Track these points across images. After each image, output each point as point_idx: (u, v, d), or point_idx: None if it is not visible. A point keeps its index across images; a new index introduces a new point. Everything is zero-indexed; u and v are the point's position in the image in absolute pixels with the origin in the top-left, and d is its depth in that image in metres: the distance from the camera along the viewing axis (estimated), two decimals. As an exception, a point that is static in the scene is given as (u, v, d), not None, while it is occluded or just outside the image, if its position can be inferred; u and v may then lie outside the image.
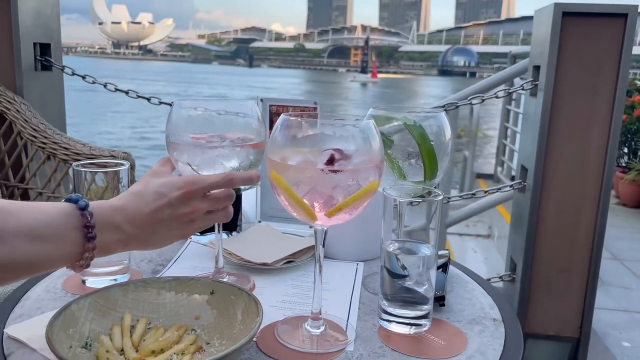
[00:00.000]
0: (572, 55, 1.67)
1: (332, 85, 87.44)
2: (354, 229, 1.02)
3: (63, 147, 1.71)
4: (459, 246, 4.42)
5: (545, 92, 1.70)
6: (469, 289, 0.93)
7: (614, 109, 1.69)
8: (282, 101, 1.12)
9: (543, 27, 1.70)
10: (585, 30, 1.64)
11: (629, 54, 1.64)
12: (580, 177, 1.76)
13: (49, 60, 1.99)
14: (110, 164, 0.86)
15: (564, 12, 1.62)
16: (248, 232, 1.11)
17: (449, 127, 0.86)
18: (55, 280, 0.91)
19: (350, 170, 0.65)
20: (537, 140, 1.73)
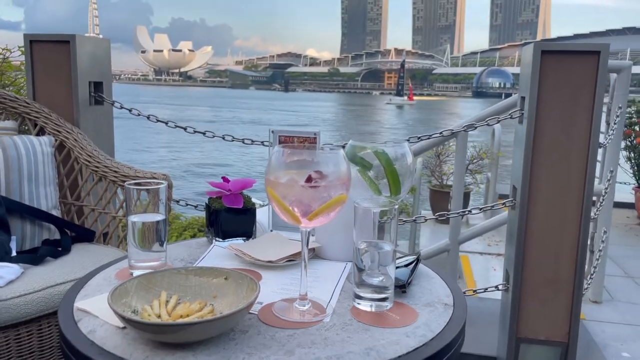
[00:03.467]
0: (552, 88, 1.88)
1: (368, 108, 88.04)
2: (344, 234, 1.26)
3: (113, 170, 2.03)
4: (481, 265, 4.55)
5: (529, 120, 1.92)
6: (432, 282, 1.15)
7: (591, 134, 1.89)
8: (289, 132, 1.38)
9: (527, 63, 1.92)
10: (563, 66, 1.85)
11: (602, 86, 1.84)
12: (563, 195, 1.95)
13: (101, 96, 2.33)
14: (152, 183, 1.14)
15: (543, 50, 1.84)
16: (261, 238, 1.37)
17: (411, 154, 1.11)
18: (110, 272, 1.19)
19: (323, 186, 0.91)
20: (523, 162, 1.94)
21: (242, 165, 17.46)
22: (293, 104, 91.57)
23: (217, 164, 18.11)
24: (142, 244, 1.14)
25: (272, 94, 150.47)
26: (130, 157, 19.57)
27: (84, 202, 2.12)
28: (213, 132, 2.17)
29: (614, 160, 2.81)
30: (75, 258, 1.82)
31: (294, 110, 68.55)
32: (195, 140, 29.31)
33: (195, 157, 19.95)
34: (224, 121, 46.30)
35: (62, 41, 2.22)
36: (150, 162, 19.38)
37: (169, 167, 18.68)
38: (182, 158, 19.54)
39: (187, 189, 14.42)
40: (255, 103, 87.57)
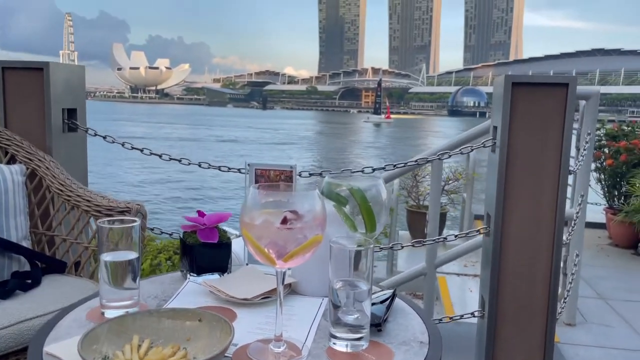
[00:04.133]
0: (523, 118, 1.93)
1: (346, 126, 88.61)
2: (320, 270, 1.25)
3: (85, 199, 1.99)
4: (458, 286, 4.58)
5: (501, 149, 1.96)
6: (408, 318, 1.15)
7: (561, 162, 1.93)
8: (265, 166, 1.38)
9: (498, 94, 1.97)
10: (533, 97, 1.91)
11: (571, 116, 1.90)
12: (536, 221, 1.99)
13: (75, 123, 2.30)
14: (126, 220, 1.12)
15: (513, 82, 1.89)
16: (236, 273, 1.35)
17: (385, 191, 1.12)
18: (81, 312, 1.16)
19: (298, 227, 0.91)
20: (496, 190, 1.97)
21: (221, 187, 17.30)
22: (271, 121, 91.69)
23: (197, 186, 17.93)
24: (114, 283, 1.12)
25: (250, 112, 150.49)
26: (110, 178, 19.32)
27: (55, 232, 2.08)
28: (189, 160, 2.16)
29: (584, 185, 2.88)
30: (46, 291, 1.77)
31: (272, 128, 68.54)
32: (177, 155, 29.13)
33: (177, 177, 19.76)
34: (201, 139, 46.04)
35: (35, 68, 2.19)
36: (130, 180, 19.15)
37: (150, 184, 18.49)
38: (161, 177, 19.32)
39: (168, 210, 14.26)
40: (233, 121, 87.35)
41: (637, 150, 4.57)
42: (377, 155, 35.96)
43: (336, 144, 48.83)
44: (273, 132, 60.49)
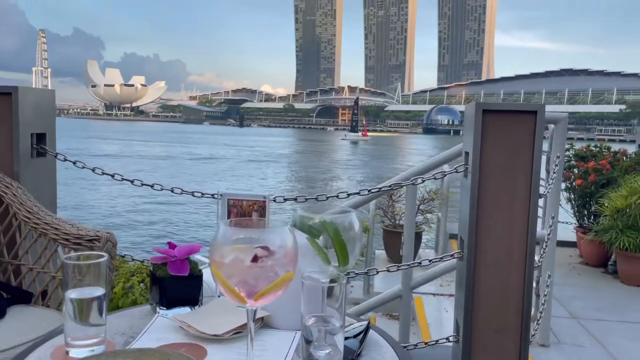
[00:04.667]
0: (494, 144, 1.97)
1: (323, 144, 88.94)
2: (294, 302, 1.24)
3: (53, 227, 1.94)
4: (434, 306, 4.59)
5: (473, 175, 1.98)
6: (381, 352, 1.15)
7: (532, 187, 1.97)
8: (238, 195, 1.37)
9: (469, 120, 2.01)
10: (503, 124, 1.95)
11: (540, 143, 1.94)
12: (508, 245, 2.01)
13: (44, 148, 2.25)
14: (93, 256, 1.10)
15: (484, 109, 1.92)
16: (207, 306, 1.33)
17: (358, 223, 1.12)
18: (45, 351, 1.12)
19: (269, 265, 0.89)
20: (469, 215, 1.99)
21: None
22: (248, 139, 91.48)
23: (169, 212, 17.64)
24: (80, 320, 1.09)
25: (227, 129, 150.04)
26: (86, 196, 18.91)
27: (21, 261, 2.01)
28: (161, 185, 2.13)
29: (554, 206, 2.94)
30: (11, 323, 1.71)
31: (249, 146, 68.33)
32: (151, 176, 28.73)
33: (156, 196, 19.45)
34: (177, 157, 45.57)
35: (4, 93, 2.14)
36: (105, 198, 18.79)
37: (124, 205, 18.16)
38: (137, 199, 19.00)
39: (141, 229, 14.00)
40: (210, 138, 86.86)
41: (605, 171, 4.69)
42: (355, 174, 35.97)
43: (314, 161, 48.84)
44: (250, 149, 60.29)
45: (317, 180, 31.26)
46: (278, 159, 49.10)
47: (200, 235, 13.51)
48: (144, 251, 10.70)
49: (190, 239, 13.49)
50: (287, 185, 28.91)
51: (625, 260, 4.18)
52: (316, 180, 31.19)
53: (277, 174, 34.97)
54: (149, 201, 18.18)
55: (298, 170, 40.35)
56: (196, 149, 56.71)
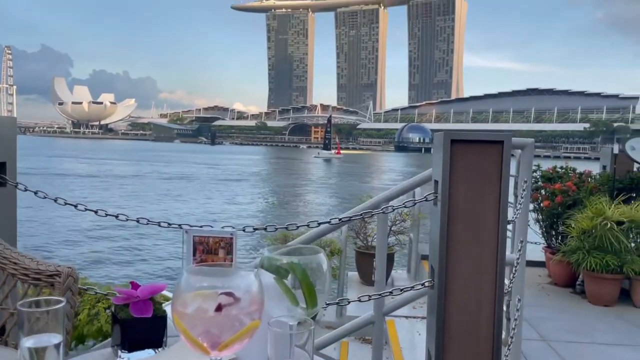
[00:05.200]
0: (463, 173, 1.99)
1: (297, 162, 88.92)
2: (262, 343, 1.21)
3: (12, 261, 1.85)
4: (407, 329, 4.58)
5: (442, 203, 1.99)
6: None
7: (500, 214, 1.99)
8: (203, 232, 1.33)
9: (438, 149, 2.02)
10: (471, 153, 1.97)
11: (507, 171, 1.97)
12: (478, 273, 2.02)
13: (3, 177, 2.16)
14: (52, 301, 1.04)
15: (452, 139, 1.94)
16: (172, 348, 1.28)
17: (326, 262, 1.10)
18: (-5, 404, 1.05)
19: (234, 314, 0.86)
20: (439, 244, 2.00)
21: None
22: (220, 157, 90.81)
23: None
24: (35, 369, 1.03)
25: (199, 147, 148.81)
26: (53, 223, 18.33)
27: (-24, 297, 1.91)
28: (127, 216, 2.07)
29: (523, 231, 2.98)
30: (-38, 365, 1.62)
31: (220, 164, 67.75)
32: (119, 197, 28.09)
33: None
34: (146, 176, 44.78)
35: (-41, 120, 2.07)
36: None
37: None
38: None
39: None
40: (180, 156, 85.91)
41: (571, 192, 4.81)
42: (328, 192, 35.86)
43: (287, 180, 48.62)
44: (222, 168, 59.74)
45: (290, 200, 31.04)
46: (250, 177, 48.71)
47: (169, 263, 13.15)
48: (110, 279, 10.40)
49: (158, 263, 13.11)
50: (259, 205, 28.59)
51: (592, 280, 4.26)
52: (289, 200, 30.98)
53: (249, 193, 34.60)
54: (118, 224, 17.75)
55: (270, 189, 40.07)
56: (166, 168, 55.88)
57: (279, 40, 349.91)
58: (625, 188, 5.04)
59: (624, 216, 4.22)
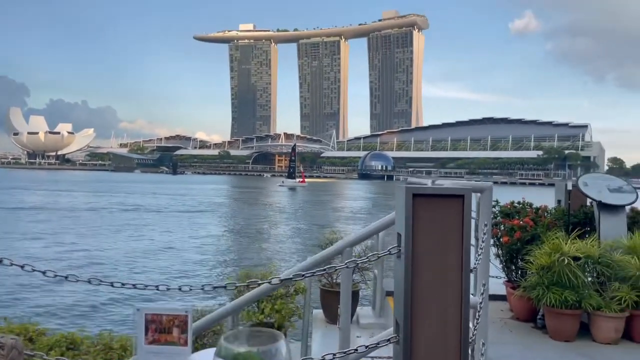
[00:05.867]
0: (425, 226, 1.98)
1: (261, 191, 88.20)
2: None
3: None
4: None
5: (406, 257, 1.98)
6: None
7: (463, 265, 1.99)
8: (156, 310, 1.26)
9: (401, 203, 2.02)
10: (433, 207, 1.97)
11: (468, 223, 1.98)
12: (443, 324, 2.01)
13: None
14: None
15: (414, 193, 1.95)
16: None
17: (285, 349, 1.05)
18: None
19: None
20: (404, 297, 1.97)
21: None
22: (181, 187, 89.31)
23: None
24: None
25: (160, 177, 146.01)
26: None
27: None
28: (77, 276, 1.96)
29: (485, 274, 3.00)
30: None
31: (182, 194, 66.45)
32: (70, 230, 27.00)
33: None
34: (103, 208, 43.34)
35: None
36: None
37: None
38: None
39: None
40: (140, 187, 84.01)
41: (528, 228, 4.91)
42: (294, 225, 35.29)
43: (252, 210, 48.00)
44: (182, 198, 58.47)
45: (254, 232, 30.39)
46: (212, 208, 47.73)
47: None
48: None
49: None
50: (222, 238, 27.86)
51: (552, 316, 4.32)
52: (253, 232, 30.32)
53: (211, 225, 33.80)
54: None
55: (234, 220, 39.36)
56: (125, 199, 54.36)
57: (242, 70, 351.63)
58: (579, 222, 5.20)
59: (580, 252, 4.33)
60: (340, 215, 42.99)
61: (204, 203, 53.03)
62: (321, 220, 38.31)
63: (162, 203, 51.41)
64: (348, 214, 45.05)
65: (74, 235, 25.38)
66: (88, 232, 27.13)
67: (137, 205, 47.05)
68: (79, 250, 20.85)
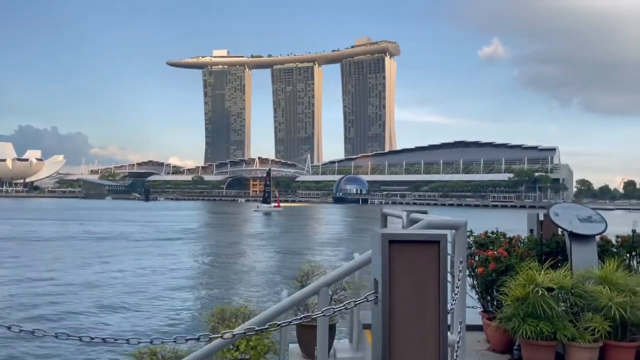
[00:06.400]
0: (402, 272, 1.97)
1: (236, 216, 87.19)
2: None
3: None
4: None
5: (383, 303, 1.96)
6: None
7: (440, 308, 1.98)
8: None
9: (377, 250, 2.01)
10: (409, 253, 1.97)
11: (445, 269, 1.98)
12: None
13: None
14: None
15: (390, 240, 1.94)
16: None
17: None
18: None
19: None
20: (381, 344, 1.95)
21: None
22: (153, 213, 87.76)
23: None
24: None
25: (131, 204, 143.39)
26: None
27: None
28: (43, 331, 1.87)
29: (461, 312, 3.00)
30: None
31: (154, 221, 65.15)
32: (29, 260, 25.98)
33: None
34: (71, 237, 41.97)
35: None
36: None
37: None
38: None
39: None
40: (110, 214, 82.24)
41: (503, 259, 4.95)
42: (270, 252, 34.70)
43: (226, 236, 47.23)
44: (155, 225, 57.24)
45: (228, 260, 29.78)
46: (185, 235, 46.66)
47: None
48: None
49: None
50: (193, 269, 26.73)
51: (528, 347, 4.33)
52: (227, 260, 29.67)
53: (183, 253, 32.87)
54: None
55: (207, 247, 38.54)
56: (95, 227, 52.93)
57: (215, 96, 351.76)
58: (552, 252, 5.27)
59: (553, 282, 4.37)
60: (316, 241, 42.80)
61: (176, 230, 51.96)
62: (297, 245, 38.05)
63: (132, 231, 50.19)
64: (324, 239, 44.87)
65: (36, 268, 24.45)
66: (53, 264, 26.20)
67: (105, 234, 45.81)
68: (40, 286, 19.98)
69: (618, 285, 4.43)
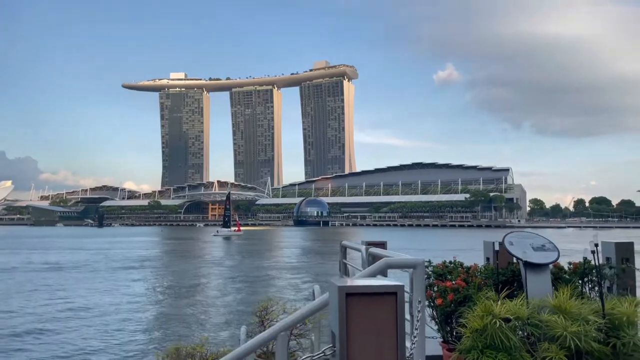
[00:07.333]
0: (359, 325, 1.92)
1: (194, 242, 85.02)
2: None
3: None
4: None
5: (341, 356, 1.90)
6: None
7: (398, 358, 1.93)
8: None
9: (334, 303, 1.95)
10: (367, 305, 1.93)
11: (402, 319, 1.94)
12: None
13: None
14: None
15: (347, 293, 1.89)
16: None
17: None
18: None
19: None
20: (341, 404, 1.87)
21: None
22: (106, 240, 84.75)
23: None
24: None
25: (84, 231, 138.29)
26: None
27: None
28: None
29: (421, 353, 2.97)
30: None
31: (106, 248, 62.67)
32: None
33: None
34: (14, 268, 39.59)
35: None
36: None
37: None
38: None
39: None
40: (60, 242, 78.89)
41: (461, 289, 4.99)
42: (229, 280, 33.60)
43: (182, 264, 45.74)
44: (106, 254, 54.65)
45: (184, 290, 28.59)
46: (139, 263, 44.85)
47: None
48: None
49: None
50: (146, 301, 25.26)
51: (488, 379, 4.34)
52: (183, 291, 28.40)
53: (135, 284, 31.38)
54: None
55: (163, 276, 36.97)
56: (43, 256, 50.33)
57: (173, 119, 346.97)
58: (508, 280, 5.35)
59: (510, 313, 4.42)
60: (277, 267, 42.23)
61: (129, 258, 50.06)
62: (257, 273, 37.33)
63: (82, 259, 48.03)
64: (285, 263, 44.37)
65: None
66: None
67: (53, 264, 43.52)
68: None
69: (572, 314, 4.52)
